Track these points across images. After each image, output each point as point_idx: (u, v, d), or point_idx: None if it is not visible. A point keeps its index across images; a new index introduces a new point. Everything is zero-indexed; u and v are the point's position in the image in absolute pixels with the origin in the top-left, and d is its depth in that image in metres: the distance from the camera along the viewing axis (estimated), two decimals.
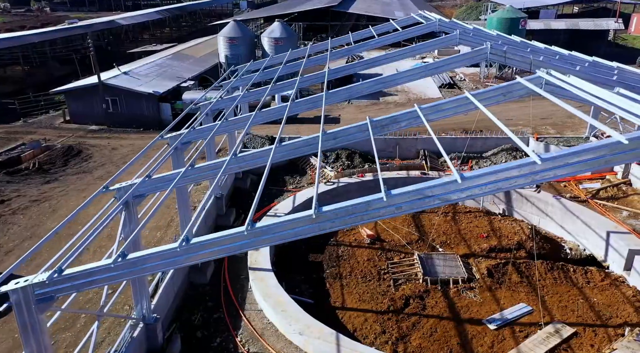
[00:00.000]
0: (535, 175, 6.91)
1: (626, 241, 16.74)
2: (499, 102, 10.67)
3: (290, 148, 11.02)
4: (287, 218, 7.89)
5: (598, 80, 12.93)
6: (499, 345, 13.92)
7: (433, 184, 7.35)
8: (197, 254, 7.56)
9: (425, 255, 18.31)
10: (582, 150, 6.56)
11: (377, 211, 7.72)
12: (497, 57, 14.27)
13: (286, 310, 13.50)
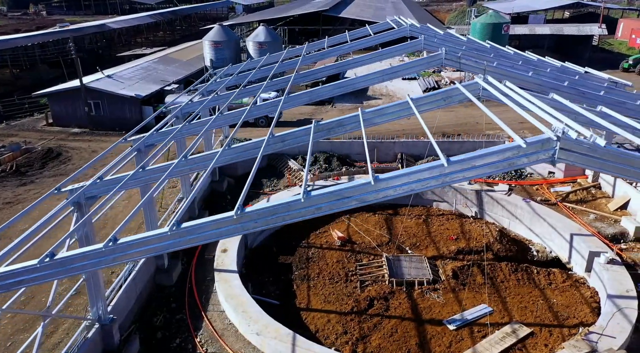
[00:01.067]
0: (445, 177, 7.17)
1: (588, 243, 17.03)
2: (440, 107, 10.95)
3: (239, 150, 11.25)
4: (210, 219, 8.10)
5: (549, 85, 13.25)
6: (457, 345, 14.15)
7: (350, 186, 7.60)
8: (124, 254, 7.76)
9: (393, 257, 18.55)
10: (488, 153, 6.83)
11: (298, 212, 7.96)
12: (452, 62, 14.58)
13: (247, 310, 13.69)
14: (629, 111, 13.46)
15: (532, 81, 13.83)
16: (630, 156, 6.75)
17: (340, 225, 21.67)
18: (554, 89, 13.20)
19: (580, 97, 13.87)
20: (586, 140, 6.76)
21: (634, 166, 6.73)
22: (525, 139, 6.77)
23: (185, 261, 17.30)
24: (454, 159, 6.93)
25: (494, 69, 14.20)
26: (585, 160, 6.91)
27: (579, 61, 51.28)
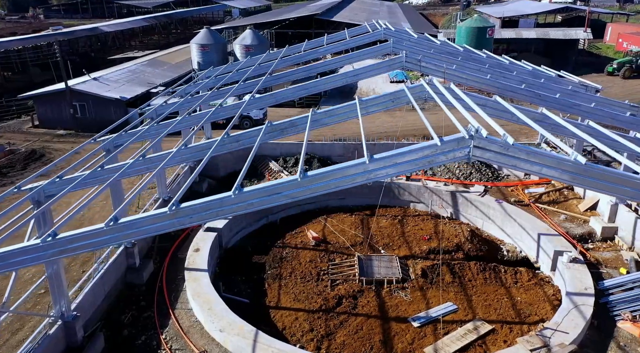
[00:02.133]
0: (370, 173, 7.49)
1: (554, 243, 17.35)
2: (388, 108, 11.30)
3: (194, 150, 11.55)
4: (147, 215, 8.38)
5: (507, 88, 13.62)
6: (419, 341, 14.44)
7: (278, 183, 7.91)
8: (65, 248, 8.03)
9: (365, 256, 18.86)
10: (408, 151, 7.15)
11: (230, 207, 8.25)
12: (413, 65, 14.94)
13: (212, 308, 13.96)
14: (585, 113, 13.84)
15: (490, 83, 14.21)
16: (538, 154, 7.09)
17: (317, 225, 21.98)
18: (511, 92, 13.56)
19: (537, 100, 14.25)
20: (499, 139, 7.09)
21: (543, 163, 7.06)
22: (442, 138, 7.09)
23: (158, 260, 17.54)
24: (377, 157, 7.24)
25: (453, 72, 14.57)
26: (499, 158, 7.24)
27: (566, 65, 52.11)
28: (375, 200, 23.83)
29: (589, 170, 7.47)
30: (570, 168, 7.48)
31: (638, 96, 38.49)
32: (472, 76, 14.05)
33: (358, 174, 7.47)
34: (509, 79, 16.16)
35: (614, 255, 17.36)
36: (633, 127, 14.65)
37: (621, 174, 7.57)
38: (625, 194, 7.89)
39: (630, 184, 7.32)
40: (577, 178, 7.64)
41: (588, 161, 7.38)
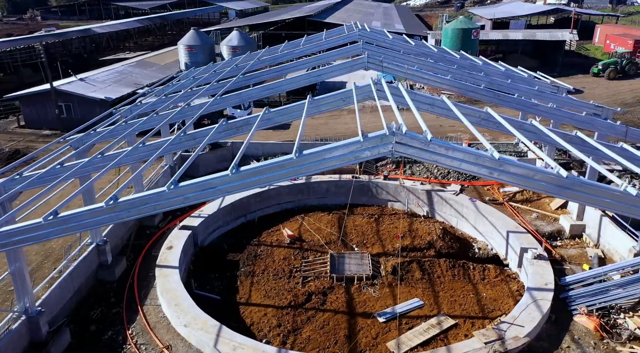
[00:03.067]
0: (299, 168, 7.78)
1: (521, 240, 17.67)
2: (339, 107, 11.59)
3: (152, 148, 11.83)
4: (84, 209, 8.66)
5: (467, 88, 13.94)
6: (383, 336, 14.73)
7: (212, 178, 8.19)
8: (7, 242, 8.27)
9: (338, 254, 19.14)
10: (335, 147, 7.44)
11: (167, 201, 8.53)
12: (375, 66, 15.24)
13: (179, 304, 14.22)
14: (543, 113, 14.18)
15: (451, 84, 14.55)
16: (457, 149, 7.40)
17: (294, 223, 22.25)
18: (471, 92, 13.89)
19: (495, 100, 14.58)
20: (419, 135, 7.39)
21: (462, 158, 7.34)
22: (366, 135, 7.39)
23: (132, 257, 17.79)
24: (305, 153, 7.53)
25: (414, 73, 14.89)
26: (420, 153, 7.54)
27: (554, 66, 52.53)
28: (354, 199, 24.19)
29: (504, 164, 7.79)
30: (487, 162, 7.80)
31: (621, 96, 38.94)
32: (433, 76, 14.35)
33: (288, 169, 7.76)
34: (477, 80, 16.49)
35: (579, 251, 17.69)
36: (588, 126, 15.01)
37: (531, 168, 7.87)
38: (537, 188, 8.21)
39: (539, 177, 7.65)
40: (494, 172, 7.96)
41: (502, 157, 7.72)
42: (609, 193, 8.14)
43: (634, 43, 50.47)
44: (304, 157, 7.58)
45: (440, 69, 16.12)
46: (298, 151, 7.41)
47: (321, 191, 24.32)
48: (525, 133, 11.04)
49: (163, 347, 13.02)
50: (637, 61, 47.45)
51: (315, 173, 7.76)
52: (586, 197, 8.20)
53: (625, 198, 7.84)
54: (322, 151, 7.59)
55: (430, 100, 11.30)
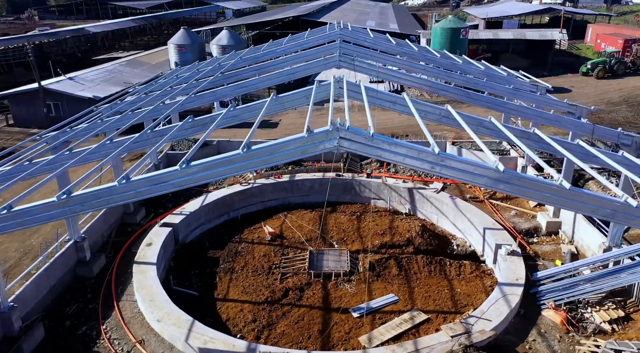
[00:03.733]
0: (248, 163, 7.97)
1: (496, 237, 17.89)
2: (303, 105, 11.79)
3: (116, 145, 11.99)
4: (36, 204, 8.81)
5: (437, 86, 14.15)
6: (356, 331, 14.93)
7: (163, 173, 8.38)
8: None
9: (317, 250, 19.34)
10: (281, 143, 7.63)
11: (120, 196, 8.73)
12: (347, 64, 15.43)
13: (154, 299, 14.41)
14: (512, 111, 14.43)
15: (421, 82, 14.79)
16: (400, 144, 7.60)
17: (276, 221, 22.43)
18: (441, 90, 14.12)
19: (465, 97, 14.82)
20: (363, 130, 7.60)
21: (405, 153, 7.54)
22: (312, 130, 7.58)
23: (112, 254, 17.96)
24: (253, 148, 7.72)
25: (385, 71, 15.12)
26: (365, 148, 7.75)
27: (544, 65, 52.78)
28: (338, 197, 24.41)
29: (445, 159, 7.99)
30: (429, 157, 8.02)
31: (608, 95, 39.22)
32: (404, 75, 14.57)
33: (236, 164, 7.95)
34: (454, 78, 16.71)
35: (554, 248, 17.92)
36: (557, 124, 15.24)
37: (471, 163, 8.07)
38: (478, 181, 8.44)
39: (479, 171, 7.86)
40: (436, 167, 8.18)
41: (442, 152, 7.92)
42: (545, 186, 8.34)
43: (623, 42, 50.74)
44: (252, 152, 7.77)
45: (417, 68, 16.31)
46: (246, 147, 7.60)
47: (305, 189, 24.51)
48: (483, 129, 11.26)
49: (136, 342, 13.20)
50: (625, 61, 47.75)
51: (266, 166, 7.95)
52: (524, 190, 8.40)
53: (561, 192, 8.05)
54: (270, 146, 7.80)
55: (393, 98, 11.54)
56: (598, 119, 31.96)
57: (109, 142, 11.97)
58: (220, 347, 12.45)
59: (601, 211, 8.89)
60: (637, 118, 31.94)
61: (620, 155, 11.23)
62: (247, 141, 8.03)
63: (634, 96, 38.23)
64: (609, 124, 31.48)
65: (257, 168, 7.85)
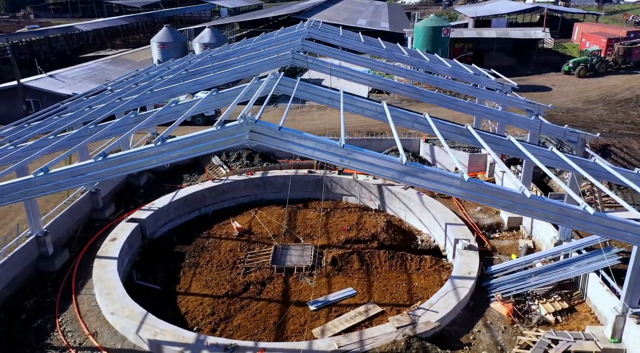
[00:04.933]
0: (163, 155, 8.21)
1: (456, 232, 18.19)
2: (245, 99, 12.01)
3: (62, 138, 12.18)
4: None
5: (389, 84, 14.40)
6: (311, 323, 15.19)
7: (81, 165, 8.61)
8: None
9: (283, 245, 19.60)
10: (196, 135, 7.87)
11: (39, 187, 8.91)
12: (301, 62, 15.69)
13: (110, 293, 14.64)
14: (462, 108, 14.71)
15: (373, 80, 15.08)
16: (309, 138, 7.87)
17: (247, 217, 22.68)
18: (392, 87, 14.40)
19: (416, 95, 15.11)
20: (272, 124, 7.85)
21: (314, 146, 7.80)
22: (223, 124, 7.83)
23: (77, 249, 18.16)
24: (168, 141, 7.96)
25: (339, 69, 15.36)
26: (275, 142, 8.00)
27: (529, 63, 53.11)
28: (310, 194, 24.67)
29: (352, 153, 8.27)
30: (338, 151, 8.28)
31: (587, 94, 39.56)
32: (356, 72, 14.85)
33: (151, 157, 8.18)
34: (414, 76, 16.95)
35: (512, 242, 18.23)
36: (505, 121, 15.54)
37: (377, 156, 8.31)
38: (384, 174, 8.72)
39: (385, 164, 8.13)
40: (344, 160, 8.44)
41: (347, 146, 8.19)
42: (447, 178, 8.61)
43: (607, 41, 51.11)
44: (167, 145, 8.01)
45: (378, 66, 16.56)
46: (161, 139, 7.84)
47: (277, 185, 24.75)
48: (418, 125, 11.56)
49: (89, 334, 13.43)
50: (607, 59, 48.12)
51: (182, 158, 8.21)
52: (426, 183, 8.68)
53: (461, 184, 8.34)
54: (184, 140, 8.05)
55: (330, 94, 11.79)
56: (573, 117, 32.30)
57: (52, 137, 12.14)
58: (169, 338, 12.69)
59: (500, 202, 9.18)
60: (611, 116, 32.29)
61: (550, 151, 11.53)
62: (164, 134, 8.28)
63: (612, 94, 38.60)
64: (583, 122, 31.84)
65: (173, 161, 8.03)
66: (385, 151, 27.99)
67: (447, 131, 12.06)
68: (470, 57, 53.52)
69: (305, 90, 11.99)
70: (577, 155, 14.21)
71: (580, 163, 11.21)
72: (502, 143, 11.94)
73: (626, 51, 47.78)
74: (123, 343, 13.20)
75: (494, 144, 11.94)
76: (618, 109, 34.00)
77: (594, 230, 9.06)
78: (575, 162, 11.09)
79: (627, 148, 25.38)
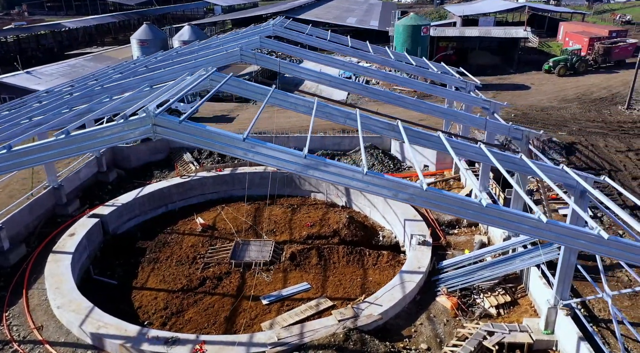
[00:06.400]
0: (74, 146, 8.32)
1: (413, 228, 18.36)
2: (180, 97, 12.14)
3: None
4: None
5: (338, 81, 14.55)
6: (262, 317, 15.34)
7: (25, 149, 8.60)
8: None
9: (243, 241, 19.72)
10: (100, 129, 7.99)
11: None
12: (249, 58, 15.81)
13: (60, 287, 14.72)
14: (409, 105, 14.90)
15: (322, 77, 15.21)
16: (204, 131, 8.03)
17: (213, 213, 22.79)
18: (341, 84, 14.58)
19: (364, 92, 15.28)
20: (174, 117, 8.01)
21: (215, 139, 7.96)
22: (129, 118, 7.97)
23: (36, 244, 18.20)
24: (73, 134, 8.08)
25: (287, 65, 15.50)
26: (179, 135, 8.16)
27: (511, 62, 53.39)
28: (279, 191, 24.74)
29: (255, 147, 8.41)
30: (240, 144, 8.42)
31: (564, 93, 39.83)
32: (304, 69, 14.99)
33: (58, 149, 8.28)
34: (371, 74, 17.08)
35: (468, 238, 18.42)
36: (452, 118, 15.72)
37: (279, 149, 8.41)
38: (287, 167, 8.90)
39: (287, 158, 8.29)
40: (248, 153, 8.59)
41: (249, 139, 8.33)
42: (348, 171, 8.78)
43: (588, 40, 51.45)
44: (73, 137, 8.12)
45: (336, 63, 16.68)
46: (66, 132, 7.95)
47: (246, 182, 24.83)
48: (350, 121, 11.74)
49: (34, 328, 13.51)
50: (587, 58, 48.44)
51: (92, 150, 8.31)
52: (329, 176, 8.86)
53: (363, 177, 8.53)
54: (92, 132, 8.16)
55: (264, 90, 11.92)
56: (546, 116, 32.55)
57: None
58: (112, 331, 12.80)
59: (401, 195, 9.37)
60: (583, 115, 32.54)
61: (477, 146, 11.72)
62: (69, 128, 8.40)
63: (589, 93, 38.89)
64: (556, 120, 32.11)
65: (78, 153, 8.12)
66: (357, 149, 28.23)
67: (379, 127, 12.22)
68: (455, 55, 53.77)
69: (238, 86, 12.10)
70: (523, 152, 14.41)
71: (503, 158, 11.42)
72: (431, 139, 12.11)
73: (606, 50, 48.11)
74: (67, 337, 13.29)
75: (424, 140, 12.11)
76: (592, 108, 34.28)
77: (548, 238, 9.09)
78: (497, 157, 11.29)
79: (592, 146, 25.61)
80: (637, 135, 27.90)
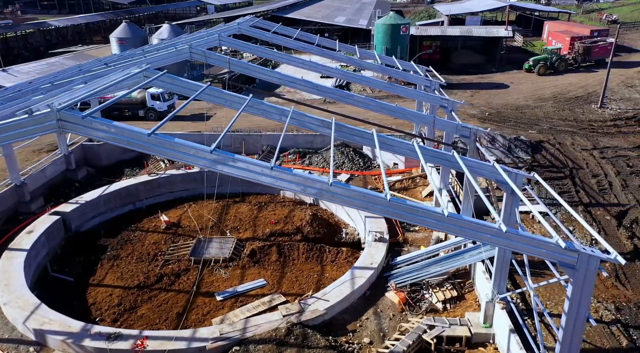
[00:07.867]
0: None
1: (372, 225, 18.46)
2: (114, 92, 12.17)
3: None
4: None
5: (285, 78, 14.60)
6: (214, 313, 15.39)
7: None
8: None
9: (205, 238, 19.76)
10: (9, 124, 8.04)
11: None
12: (199, 56, 15.88)
13: (9, 284, 14.72)
14: (359, 103, 15.10)
15: (271, 75, 15.33)
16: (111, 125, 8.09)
17: (179, 210, 22.80)
18: (291, 82, 14.69)
19: (314, 90, 15.40)
20: (77, 112, 8.10)
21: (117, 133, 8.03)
22: (33, 113, 8.03)
23: None
24: None
25: (237, 63, 15.56)
26: (85, 130, 8.22)
27: (494, 61, 53.68)
28: (249, 188, 24.79)
29: (161, 142, 8.49)
30: (145, 139, 8.50)
31: (541, 92, 40.07)
32: (252, 66, 15.10)
33: None
34: (331, 72, 17.16)
35: (426, 235, 18.54)
36: (401, 116, 15.86)
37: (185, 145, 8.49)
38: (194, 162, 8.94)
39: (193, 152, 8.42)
40: (154, 148, 8.66)
41: (160, 135, 8.42)
42: (255, 166, 8.88)
43: (570, 40, 51.77)
44: None
45: (295, 62, 16.78)
46: None
47: (215, 179, 24.83)
48: (285, 119, 11.85)
49: None
50: (567, 58, 48.76)
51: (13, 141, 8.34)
52: (237, 171, 8.95)
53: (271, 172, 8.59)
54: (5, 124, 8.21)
55: (197, 87, 12.00)
56: (520, 115, 32.75)
57: None
58: (55, 327, 12.82)
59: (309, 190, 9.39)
60: (556, 113, 32.77)
61: (411, 143, 11.86)
62: None
63: (565, 92, 39.16)
64: (529, 119, 32.31)
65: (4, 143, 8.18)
66: (327, 147, 28.33)
67: (314, 125, 12.31)
68: (439, 55, 53.98)
69: (172, 82, 12.16)
70: (470, 150, 14.55)
71: (436, 155, 11.57)
72: (364, 136, 12.20)
73: (586, 49, 48.44)
74: (12, 333, 13.30)
75: (358, 137, 12.20)
76: (566, 107, 34.52)
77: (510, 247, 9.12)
78: (428, 154, 11.43)
79: (560, 144, 25.81)
80: (605, 134, 28.15)
